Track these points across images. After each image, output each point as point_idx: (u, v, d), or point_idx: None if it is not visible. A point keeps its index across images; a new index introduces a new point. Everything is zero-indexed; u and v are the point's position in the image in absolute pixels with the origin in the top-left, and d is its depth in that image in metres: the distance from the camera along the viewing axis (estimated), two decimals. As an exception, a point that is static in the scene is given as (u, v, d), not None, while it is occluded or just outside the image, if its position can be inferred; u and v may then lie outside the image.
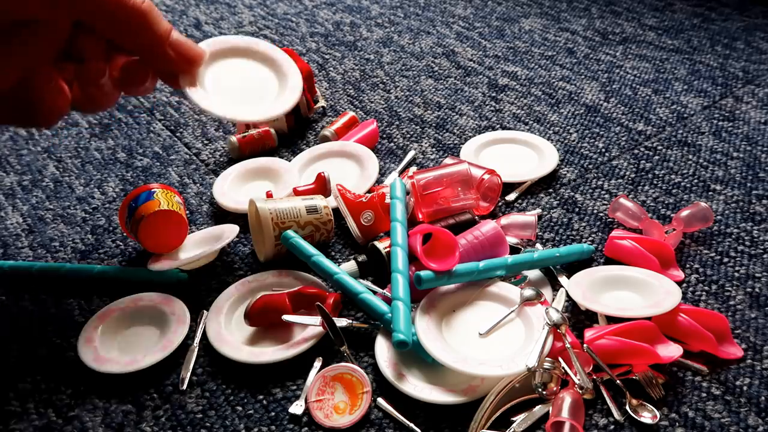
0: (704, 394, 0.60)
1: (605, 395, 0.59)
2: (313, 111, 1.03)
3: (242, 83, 0.71)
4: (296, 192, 0.82)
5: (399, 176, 0.84)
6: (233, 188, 0.87)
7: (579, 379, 0.58)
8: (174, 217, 0.74)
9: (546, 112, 1.02)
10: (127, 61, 0.57)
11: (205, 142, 0.99)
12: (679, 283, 0.70)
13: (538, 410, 0.58)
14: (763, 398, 0.59)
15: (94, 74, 0.55)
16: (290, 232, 0.73)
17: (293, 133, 1.00)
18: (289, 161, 0.91)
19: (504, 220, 0.76)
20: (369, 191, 0.82)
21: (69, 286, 0.75)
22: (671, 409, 0.58)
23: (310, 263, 0.72)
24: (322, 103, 1.05)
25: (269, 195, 0.80)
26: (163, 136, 1.01)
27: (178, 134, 1.01)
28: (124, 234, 0.82)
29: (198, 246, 0.76)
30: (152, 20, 0.52)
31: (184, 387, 0.63)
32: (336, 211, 0.79)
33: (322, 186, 0.82)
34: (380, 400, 0.60)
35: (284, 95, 0.70)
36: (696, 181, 0.86)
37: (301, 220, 0.74)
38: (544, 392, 0.57)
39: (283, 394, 0.62)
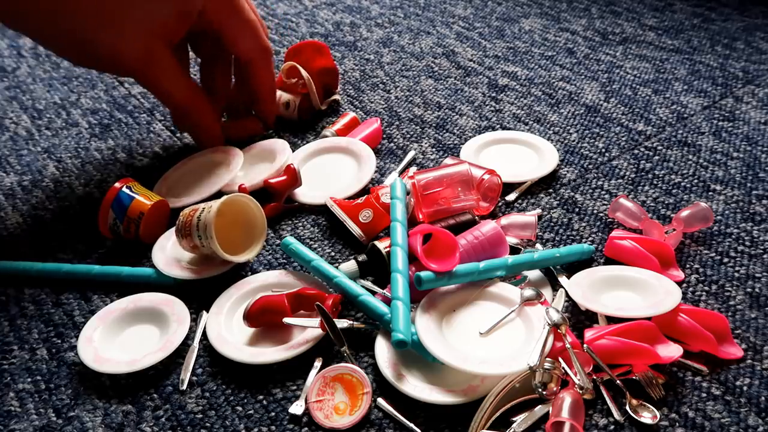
0: (704, 394, 0.60)
1: (605, 395, 0.59)
2: (327, 104, 1.04)
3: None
4: (266, 183, 0.82)
5: (399, 176, 0.84)
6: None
7: (579, 379, 0.58)
8: (163, 205, 0.80)
9: (546, 112, 1.02)
10: None
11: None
12: (679, 283, 0.70)
13: (538, 410, 0.58)
14: (763, 398, 0.59)
15: None
16: (289, 239, 0.73)
17: (304, 123, 1.02)
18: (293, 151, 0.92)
19: (504, 220, 0.76)
20: (369, 192, 0.82)
21: (69, 286, 0.75)
22: (671, 409, 0.58)
23: (310, 268, 0.72)
24: (336, 96, 1.06)
25: (242, 189, 0.81)
26: (163, 137, 1.01)
27: (178, 134, 1.01)
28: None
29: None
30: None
31: (184, 387, 0.63)
32: (337, 221, 0.79)
33: (293, 178, 0.83)
34: (380, 401, 0.60)
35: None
36: (696, 181, 0.86)
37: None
38: (544, 392, 0.57)
39: (283, 395, 0.62)
